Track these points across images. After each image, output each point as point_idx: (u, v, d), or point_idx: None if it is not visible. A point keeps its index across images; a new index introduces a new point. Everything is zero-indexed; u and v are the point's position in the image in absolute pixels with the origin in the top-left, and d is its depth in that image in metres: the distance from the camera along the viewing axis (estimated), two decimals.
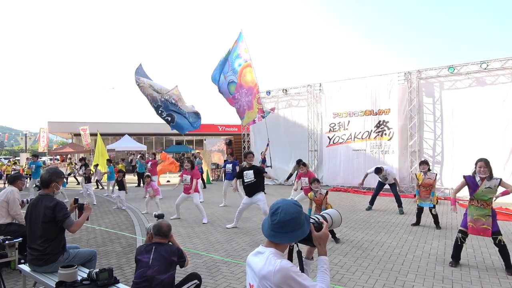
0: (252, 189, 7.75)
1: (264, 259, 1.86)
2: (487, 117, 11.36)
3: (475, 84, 11.71)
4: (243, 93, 11.43)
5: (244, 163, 8.15)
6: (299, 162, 11.48)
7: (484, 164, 5.09)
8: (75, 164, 21.71)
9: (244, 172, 7.84)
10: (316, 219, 2.02)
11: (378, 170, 9.61)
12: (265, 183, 14.35)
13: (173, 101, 11.87)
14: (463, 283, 4.61)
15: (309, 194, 7.00)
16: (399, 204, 9.54)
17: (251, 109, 11.45)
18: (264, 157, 13.47)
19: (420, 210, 7.89)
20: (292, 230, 1.88)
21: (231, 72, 11.57)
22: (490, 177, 5.07)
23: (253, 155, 8.24)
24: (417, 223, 7.92)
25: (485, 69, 11.31)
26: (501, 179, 5.12)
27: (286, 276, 1.78)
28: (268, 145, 12.44)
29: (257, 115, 11.41)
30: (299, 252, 2.01)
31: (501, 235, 5.02)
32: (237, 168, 11.69)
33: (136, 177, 18.79)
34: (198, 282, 3.75)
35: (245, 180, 7.78)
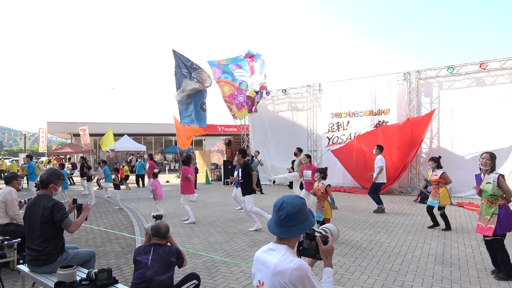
0: (241, 188, 8.01)
1: (280, 256, 1.89)
2: (486, 117, 11.37)
3: (474, 84, 11.72)
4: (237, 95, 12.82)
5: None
6: (300, 151, 11.43)
7: (489, 156, 4.92)
8: (68, 160, 21.77)
9: (235, 172, 8.11)
10: (323, 232, 2.08)
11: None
12: (262, 183, 14.50)
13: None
14: (462, 283, 4.61)
15: (315, 184, 7.00)
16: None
17: (243, 107, 13.30)
18: (252, 158, 13.53)
19: (428, 209, 7.67)
20: (300, 222, 1.93)
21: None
22: (491, 170, 4.88)
23: (240, 154, 8.19)
24: (434, 224, 7.62)
25: (484, 69, 11.32)
26: (499, 175, 4.84)
27: (304, 275, 1.82)
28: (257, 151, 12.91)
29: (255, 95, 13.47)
30: None
31: (502, 239, 4.76)
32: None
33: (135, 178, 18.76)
34: (197, 282, 3.75)
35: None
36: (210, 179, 19.07)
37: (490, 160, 4.92)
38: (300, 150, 11.37)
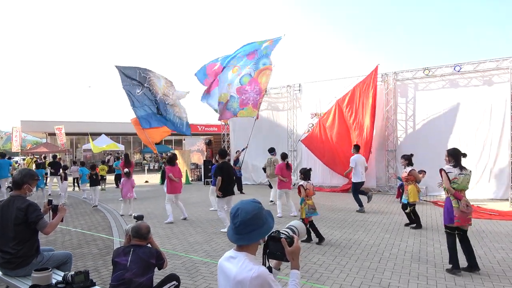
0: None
1: (239, 264, 1.86)
2: (460, 118, 11.71)
3: (449, 86, 12.05)
4: (255, 89, 11.63)
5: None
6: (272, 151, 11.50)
7: (447, 153, 5.22)
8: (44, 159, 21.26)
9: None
10: (286, 233, 2.03)
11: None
12: (243, 183, 14.51)
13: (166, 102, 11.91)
14: (438, 279, 4.74)
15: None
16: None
17: (254, 107, 11.86)
18: (237, 159, 13.51)
19: (403, 207, 7.86)
20: (257, 228, 1.90)
21: (253, 66, 11.63)
22: (456, 165, 5.06)
23: (218, 154, 8.25)
24: (410, 222, 7.78)
25: (458, 71, 11.66)
26: (440, 169, 5.10)
27: (263, 283, 1.79)
28: (244, 149, 12.64)
29: (254, 117, 11.93)
30: (269, 268, 2.01)
31: (446, 230, 5.06)
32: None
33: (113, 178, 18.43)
34: (177, 283, 3.71)
35: None
36: (190, 179, 18.94)
37: (449, 157, 5.15)
38: (270, 150, 11.53)
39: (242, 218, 1.88)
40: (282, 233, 2.02)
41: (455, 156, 5.10)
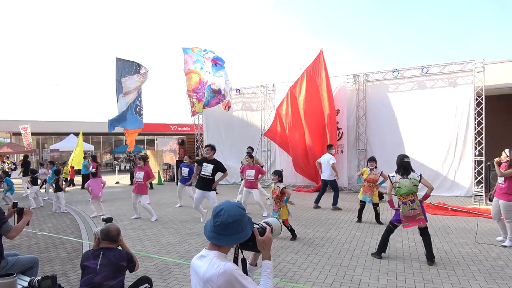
0: (205, 184, 7.78)
1: (208, 262, 1.86)
2: (427, 118, 12.12)
3: (417, 87, 12.45)
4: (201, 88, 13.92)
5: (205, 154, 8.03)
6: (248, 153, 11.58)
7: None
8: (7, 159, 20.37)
9: (204, 164, 7.76)
10: (260, 225, 2.06)
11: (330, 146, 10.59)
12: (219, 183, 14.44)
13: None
14: (406, 275, 4.90)
15: (271, 185, 7.02)
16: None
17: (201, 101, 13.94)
18: None
19: (362, 205, 8.22)
20: (235, 233, 1.89)
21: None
22: None
23: (212, 148, 7.89)
24: (359, 218, 8.22)
25: (425, 73, 12.07)
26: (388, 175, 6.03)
27: (230, 279, 1.79)
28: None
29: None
30: (243, 260, 2.02)
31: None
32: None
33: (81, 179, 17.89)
34: (149, 286, 3.66)
35: (202, 172, 7.78)
36: (163, 179, 18.67)
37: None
38: (252, 150, 11.52)
39: (224, 220, 1.87)
40: (256, 224, 2.03)
41: (397, 164, 5.90)
